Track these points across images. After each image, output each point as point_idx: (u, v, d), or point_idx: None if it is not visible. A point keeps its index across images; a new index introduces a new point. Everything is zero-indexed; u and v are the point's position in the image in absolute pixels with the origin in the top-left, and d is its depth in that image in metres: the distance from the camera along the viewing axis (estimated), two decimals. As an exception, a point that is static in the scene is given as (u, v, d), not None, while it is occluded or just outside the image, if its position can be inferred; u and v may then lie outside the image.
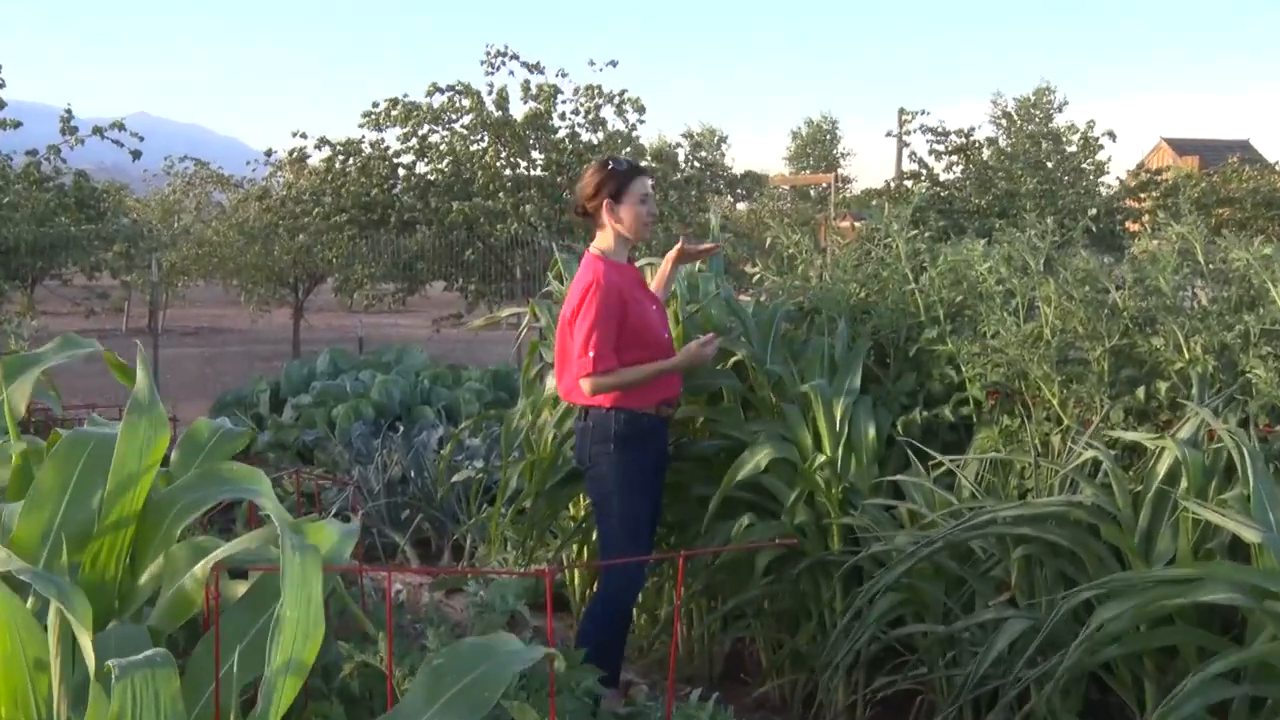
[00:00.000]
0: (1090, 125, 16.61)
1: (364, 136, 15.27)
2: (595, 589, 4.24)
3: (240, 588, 2.61)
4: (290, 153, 15.91)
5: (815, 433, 3.92)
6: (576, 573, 4.68)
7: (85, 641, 2.06)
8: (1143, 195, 16.02)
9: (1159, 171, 16.89)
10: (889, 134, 17.43)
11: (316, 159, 15.72)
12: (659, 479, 3.95)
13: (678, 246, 4.13)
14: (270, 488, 2.59)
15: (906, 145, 17.40)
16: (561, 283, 4.80)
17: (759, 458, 3.90)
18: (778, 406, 4.07)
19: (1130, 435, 3.35)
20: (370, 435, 7.22)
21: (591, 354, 3.70)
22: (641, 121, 14.84)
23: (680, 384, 3.97)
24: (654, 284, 4.13)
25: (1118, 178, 16.35)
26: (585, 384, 3.74)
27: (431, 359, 10.06)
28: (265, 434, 7.62)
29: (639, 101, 14.55)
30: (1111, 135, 16.15)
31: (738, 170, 17.87)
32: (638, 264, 4.30)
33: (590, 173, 3.90)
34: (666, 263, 4.15)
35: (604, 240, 3.87)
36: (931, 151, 15.48)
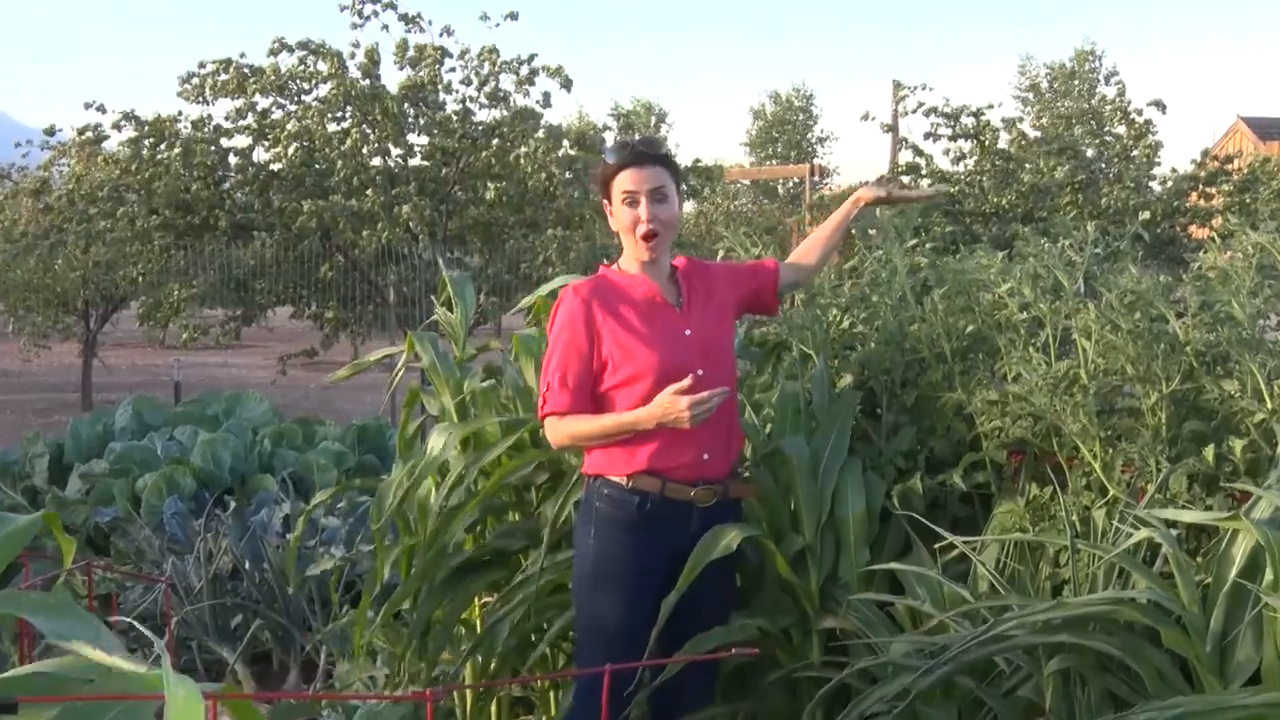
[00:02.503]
0: (1121, 90, 16.40)
1: (182, 112, 15.16)
2: None
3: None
4: (80, 132, 15.73)
5: (790, 508, 3.94)
6: (468, 697, 4.65)
7: None
8: (1212, 191, 15.80)
9: (1230, 159, 16.71)
10: (866, 117, 16.90)
11: (117, 141, 15.55)
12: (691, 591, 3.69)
13: (859, 194, 4.16)
14: (105, 631, 2.53)
15: (891, 130, 17.21)
16: (450, 309, 4.79)
17: (727, 539, 3.79)
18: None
19: (1190, 516, 3.34)
20: (189, 514, 7.13)
21: (543, 391, 3.73)
22: (550, 95, 14.87)
23: (708, 447, 3.71)
24: (827, 227, 4.17)
25: (1173, 168, 16.25)
26: (546, 433, 3.79)
27: (274, 410, 9.99)
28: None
29: (561, 71, 14.58)
30: (1160, 106, 15.90)
31: (683, 159, 17.96)
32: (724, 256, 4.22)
33: None
34: (848, 206, 4.16)
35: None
36: (928, 135, 15.39)
